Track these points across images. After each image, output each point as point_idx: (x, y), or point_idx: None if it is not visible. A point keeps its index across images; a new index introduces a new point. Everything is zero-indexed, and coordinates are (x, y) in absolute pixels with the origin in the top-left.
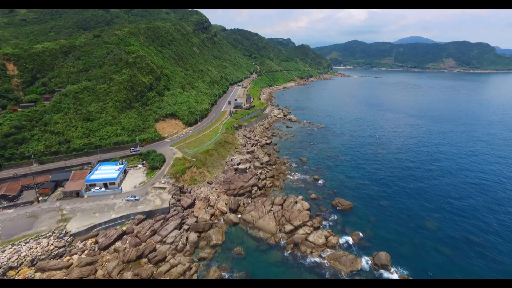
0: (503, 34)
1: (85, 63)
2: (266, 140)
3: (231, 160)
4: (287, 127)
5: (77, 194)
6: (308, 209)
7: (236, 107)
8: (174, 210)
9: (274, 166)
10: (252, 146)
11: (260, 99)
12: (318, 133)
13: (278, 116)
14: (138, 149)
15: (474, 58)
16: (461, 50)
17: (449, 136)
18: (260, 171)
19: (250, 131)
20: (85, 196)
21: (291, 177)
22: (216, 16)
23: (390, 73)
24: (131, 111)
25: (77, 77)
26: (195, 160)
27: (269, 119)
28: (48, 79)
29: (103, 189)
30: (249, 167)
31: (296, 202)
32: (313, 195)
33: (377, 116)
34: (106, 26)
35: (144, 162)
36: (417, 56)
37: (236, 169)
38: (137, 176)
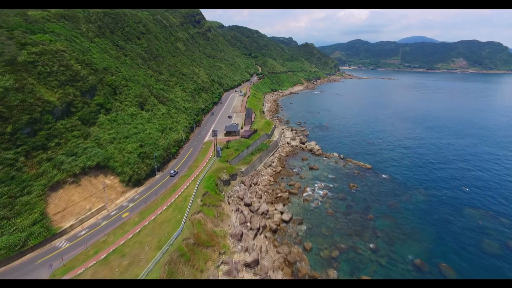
0: (508, 33)
1: None
2: (280, 214)
3: None
4: (311, 168)
5: None
6: None
7: (228, 133)
8: None
9: None
10: (254, 238)
11: (263, 112)
12: (365, 184)
13: (293, 144)
14: None
15: (486, 58)
16: (471, 50)
17: None
18: None
19: (250, 185)
20: None
21: None
22: (215, 15)
23: (399, 74)
24: None
25: None
26: None
27: (279, 150)
28: None
29: None
30: None
31: None
32: None
33: (439, 141)
34: None
35: None
36: (424, 55)
37: None
38: None
